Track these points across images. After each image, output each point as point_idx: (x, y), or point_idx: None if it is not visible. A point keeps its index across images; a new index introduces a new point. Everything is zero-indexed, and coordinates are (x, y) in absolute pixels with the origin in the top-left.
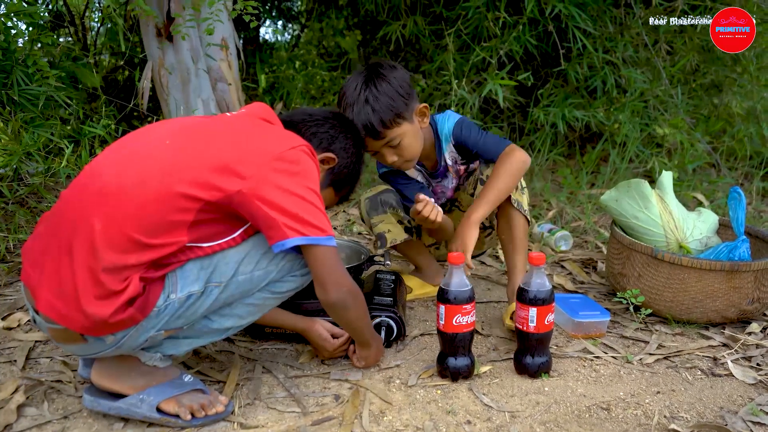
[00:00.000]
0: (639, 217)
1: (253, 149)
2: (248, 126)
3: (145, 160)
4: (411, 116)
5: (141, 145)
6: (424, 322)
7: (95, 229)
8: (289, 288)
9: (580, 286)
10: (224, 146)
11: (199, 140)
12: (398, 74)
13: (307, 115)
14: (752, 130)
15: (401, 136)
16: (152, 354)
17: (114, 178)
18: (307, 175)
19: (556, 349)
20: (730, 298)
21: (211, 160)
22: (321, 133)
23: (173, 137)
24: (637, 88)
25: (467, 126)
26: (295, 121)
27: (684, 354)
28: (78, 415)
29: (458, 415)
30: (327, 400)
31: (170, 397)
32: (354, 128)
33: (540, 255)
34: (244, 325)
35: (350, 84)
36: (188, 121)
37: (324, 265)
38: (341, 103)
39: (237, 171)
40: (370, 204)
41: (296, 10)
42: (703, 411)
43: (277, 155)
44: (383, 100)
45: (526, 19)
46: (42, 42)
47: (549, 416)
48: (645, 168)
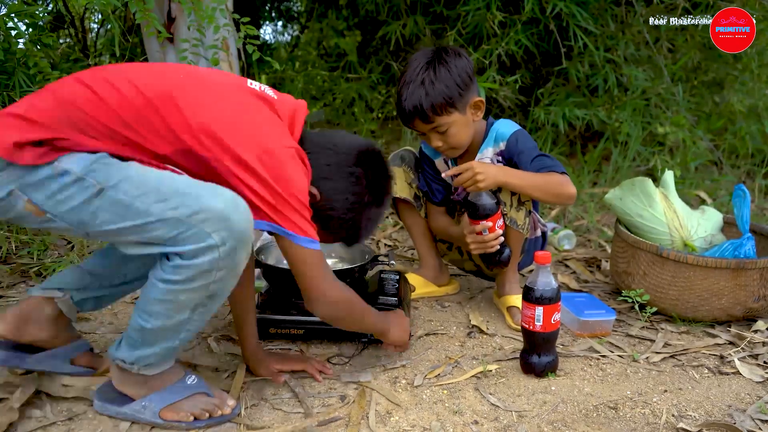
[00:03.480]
0: (643, 216)
1: (247, 132)
2: (254, 104)
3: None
4: (464, 107)
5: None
6: (429, 322)
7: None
8: (187, 274)
9: (584, 284)
10: (222, 114)
11: (203, 97)
12: (461, 63)
13: (332, 144)
14: (754, 128)
15: (450, 124)
16: (130, 365)
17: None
18: (291, 182)
19: (562, 348)
20: (736, 296)
21: (203, 122)
22: (321, 165)
23: (200, 82)
24: (638, 86)
25: (523, 141)
26: (313, 142)
27: (690, 352)
28: (83, 416)
29: (465, 415)
30: (333, 400)
31: (172, 403)
32: (375, 183)
33: (546, 254)
34: (159, 327)
35: (412, 63)
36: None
37: (303, 270)
38: (401, 79)
39: (223, 142)
40: (392, 156)
41: (296, 10)
42: (711, 409)
43: (267, 149)
44: (438, 87)
45: (525, 17)
46: (43, 43)
47: (556, 416)
48: (647, 166)
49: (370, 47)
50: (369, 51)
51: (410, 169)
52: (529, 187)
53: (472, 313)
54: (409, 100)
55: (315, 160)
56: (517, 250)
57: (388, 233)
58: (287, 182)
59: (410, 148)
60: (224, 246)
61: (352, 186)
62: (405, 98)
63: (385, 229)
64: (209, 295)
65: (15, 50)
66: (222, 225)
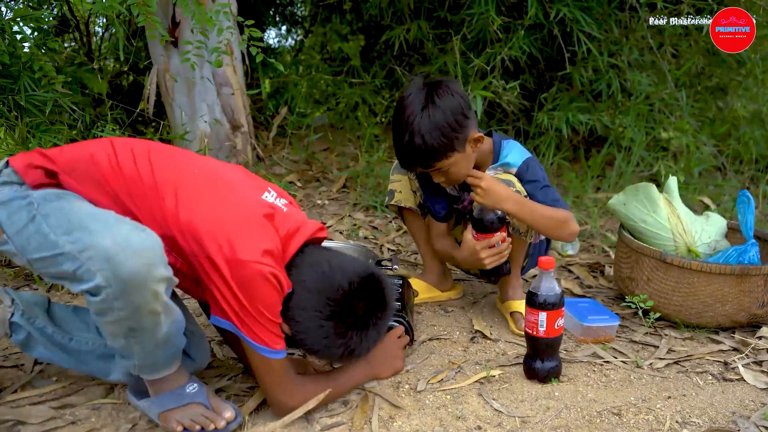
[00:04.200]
0: (647, 221)
1: (227, 236)
2: (249, 208)
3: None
4: (463, 146)
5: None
6: (432, 327)
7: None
8: (96, 308)
9: (587, 290)
10: (208, 213)
11: (210, 198)
12: (454, 103)
13: (325, 268)
14: (758, 133)
15: (450, 165)
16: (130, 369)
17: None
18: (255, 297)
19: (566, 353)
20: (740, 302)
21: (190, 220)
22: (303, 291)
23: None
24: (642, 91)
25: (534, 170)
26: (306, 262)
27: (694, 358)
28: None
29: (468, 420)
30: (335, 405)
31: (167, 410)
32: (366, 316)
33: (549, 259)
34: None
35: (406, 108)
36: (222, 173)
37: (261, 376)
38: (396, 120)
39: (203, 242)
40: (396, 163)
41: (300, 15)
42: (715, 416)
43: (239, 260)
44: (435, 134)
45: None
46: (48, 47)
47: (560, 421)
48: (650, 171)
49: (374, 52)
50: (373, 55)
51: (415, 177)
52: (533, 220)
53: (476, 318)
54: (407, 151)
55: (298, 284)
56: (520, 257)
57: (391, 238)
58: (252, 297)
59: None
60: (110, 288)
61: (328, 326)
62: (403, 148)
63: (388, 234)
64: (129, 329)
65: (20, 54)
66: (106, 265)
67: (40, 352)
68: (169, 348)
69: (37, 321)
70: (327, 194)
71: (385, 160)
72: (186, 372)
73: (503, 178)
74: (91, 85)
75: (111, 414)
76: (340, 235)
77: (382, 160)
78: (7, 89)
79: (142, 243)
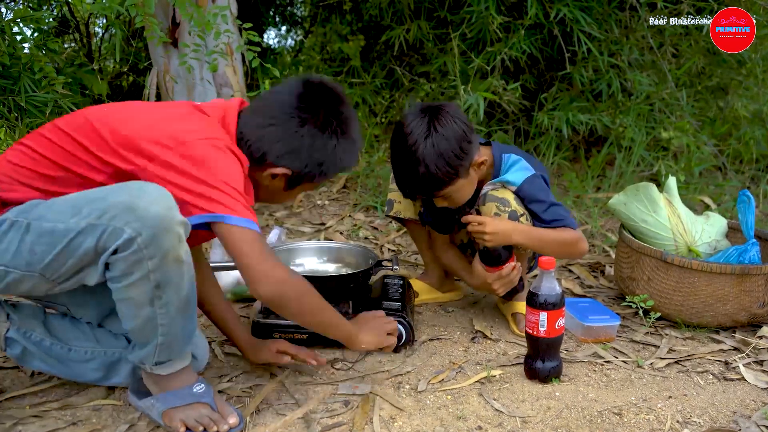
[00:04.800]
0: (648, 221)
1: (166, 133)
2: (179, 112)
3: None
4: (466, 172)
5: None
6: (433, 327)
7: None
8: (121, 268)
9: (588, 290)
10: (142, 125)
11: (126, 115)
12: (456, 130)
13: (265, 107)
14: (758, 133)
15: (454, 191)
16: (142, 365)
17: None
18: (215, 169)
19: (566, 353)
20: (740, 302)
21: (124, 136)
22: (267, 140)
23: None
24: (642, 91)
25: (536, 188)
26: (249, 122)
27: (695, 358)
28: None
29: (469, 420)
30: (336, 406)
31: (172, 407)
32: (330, 119)
33: (550, 259)
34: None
35: (408, 138)
36: (140, 104)
37: (241, 251)
38: (397, 148)
39: (144, 150)
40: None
41: (300, 15)
42: (716, 416)
43: (183, 142)
44: (441, 164)
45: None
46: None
47: (560, 421)
48: (651, 171)
49: (374, 52)
50: (373, 56)
51: None
52: (542, 247)
53: (476, 318)
54: (411, 181)
55: (259, 136)
56: (523, 264)
57: (391, 238)
58: (212, 172)
59: None
60: (141, 236)
61: (304, 139)
62: (406, 178)
63: (389, 234)
64: (156, 285)
65: (20, 55)
66: (131, 216)
67: (37, 364)
68: (187, 319)
69: (34, 335)
70: (327, 195)
71: (385, 160)
72: (194, 372)
73: (499, 195)
74: (91, 85)
75: (111, 415)
76: (340, 236)
77: (383, 161)
78: (7, 90)
79: (155, 190)
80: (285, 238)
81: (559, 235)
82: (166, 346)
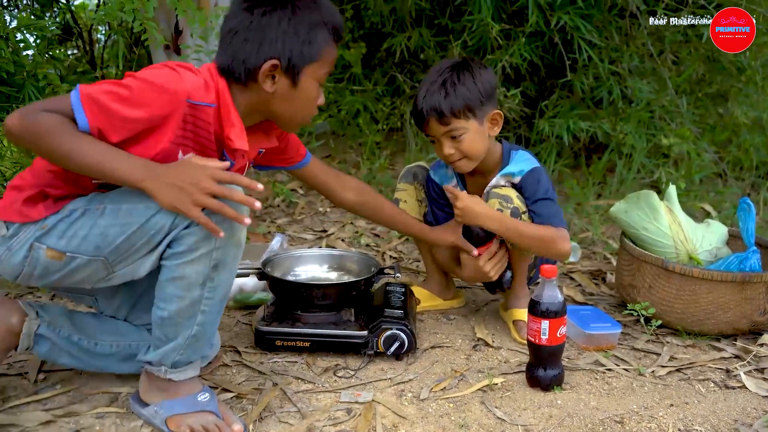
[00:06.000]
0: (648, 229)
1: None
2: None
3: None
4: (482, 117)
5: None
6: (435, 335)
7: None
8: (188, 243)
9: (589, 297)
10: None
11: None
12: (485, 75)
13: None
14: (758, 140)
15: (465, 130)
16: (158, 367)
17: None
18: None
19: (568, 361)
20: (741, 310)
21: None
22: (238, 48)
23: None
24: (642, 98)
25: (534, 181)
26: (218, 54)
27: (696, 366)
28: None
29: (471, 428)
30: (339, 413)
31: (177, 414)
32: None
33: (552, 267)
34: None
35: (436, 67)
36: None
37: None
38: (425, 77)
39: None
40: (404, 171)
41: None
42: (718, 424)
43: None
44: (460, 89)
45: (529, 30)
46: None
47: (562, 429)
48: (651, 178)
49: (375, 59)
50: (374, 63)
51: (422, 187)
52: (519, 240)
53: (478, 326)
54: (428, 99)
55: (232, 52)
56: (523, 268)
57: (393, 245)
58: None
59: (423, 164)
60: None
61: (263, 23)
62: (424, 96)
63: (390, 242)
64: (214, 265)
65: (24, 62)
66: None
67: (64, 360)
68: (221, 312)
69: (62, 330)
70: (329, 202)
71: (386, 167)
72: (200, 382)
73: (502, 193)
74: None
75: (115, 422)
76: (342, 243)
77: (384, 168)
78: (11, 98)
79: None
80: (287, 245)
81: (538, 231)
82: (195, 340)
